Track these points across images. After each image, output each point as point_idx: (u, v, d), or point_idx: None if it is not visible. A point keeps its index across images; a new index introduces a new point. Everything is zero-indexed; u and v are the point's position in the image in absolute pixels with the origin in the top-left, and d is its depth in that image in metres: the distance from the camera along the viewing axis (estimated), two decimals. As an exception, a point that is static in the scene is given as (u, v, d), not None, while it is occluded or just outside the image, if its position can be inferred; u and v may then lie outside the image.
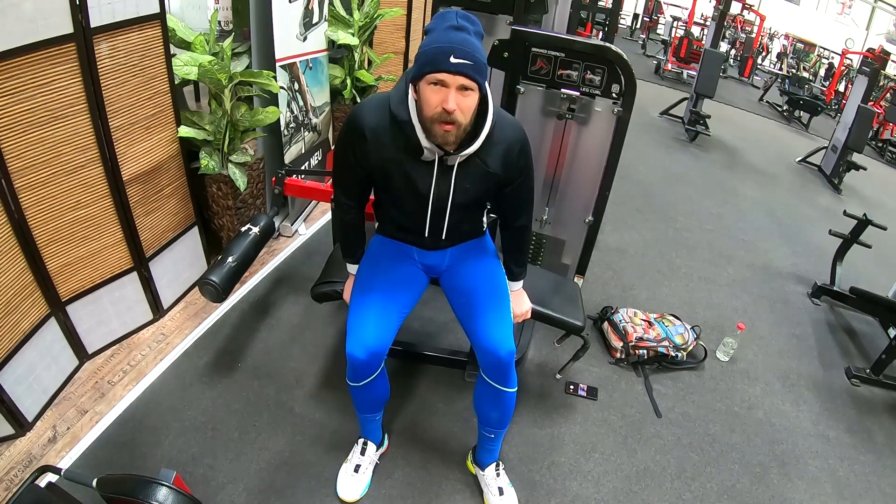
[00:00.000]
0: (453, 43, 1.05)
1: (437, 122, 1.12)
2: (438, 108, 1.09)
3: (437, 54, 1.06)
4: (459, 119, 1.11)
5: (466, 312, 1.47)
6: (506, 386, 1.43)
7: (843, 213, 3.14)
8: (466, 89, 1.09)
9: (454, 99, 1.08)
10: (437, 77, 1.07)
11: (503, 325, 1.41)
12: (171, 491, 1.06)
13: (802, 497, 1.83)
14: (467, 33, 1.08)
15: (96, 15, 1.56)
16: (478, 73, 1.08)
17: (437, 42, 1.07)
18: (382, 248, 1.53)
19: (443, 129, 1.12)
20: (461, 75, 1.06)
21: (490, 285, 1.48)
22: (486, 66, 1.10)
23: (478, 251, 1.54)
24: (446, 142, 1.15)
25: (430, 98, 1.10)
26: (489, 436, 1.56)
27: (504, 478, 1.63)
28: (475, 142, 1.19)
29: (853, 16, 13.99)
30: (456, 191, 1.29)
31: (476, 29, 1.11)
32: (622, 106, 1.91)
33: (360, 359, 1.36)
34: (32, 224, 1.59)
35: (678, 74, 8.45)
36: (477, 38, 1.10)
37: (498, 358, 1.38)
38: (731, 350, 2.39)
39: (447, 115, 1.09)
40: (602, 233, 2.55)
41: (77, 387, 1.84)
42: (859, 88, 5.11)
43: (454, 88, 1.07)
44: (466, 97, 1.09)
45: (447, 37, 1.06)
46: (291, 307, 2.33)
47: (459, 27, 1.07)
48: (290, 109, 2.65)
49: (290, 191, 2.22)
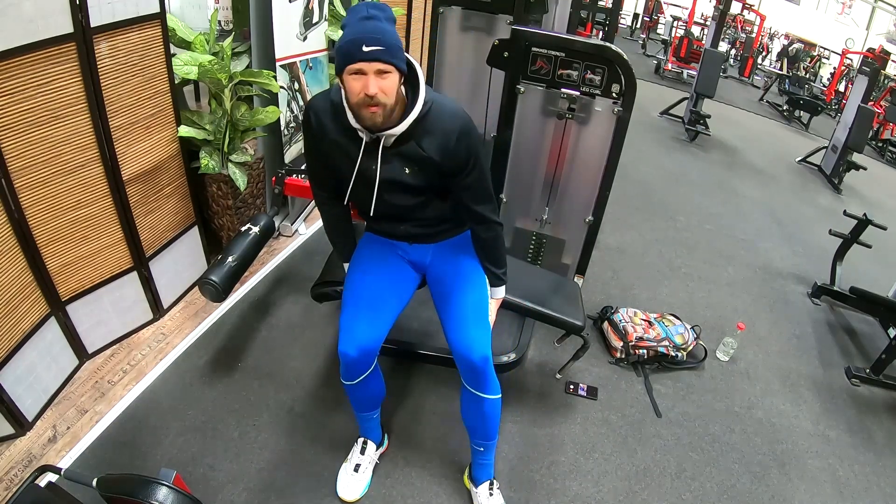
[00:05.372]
0: (364, 33, 1.11)
1: (362, 106, 1.17)
2: (361, 94, 1.15)
3: (351, 46, 1.12)
4: (383, 100, 1.16)
5: (444, 314, 1.46)
6: (485, 392, 1.41)
7: (843, 213, 3.14)
8: (384, 73, 1.14)
9: (374, 83, 1.14)
10: (355, 67, 1.13)
11: (477, 329, 1.39)
12: (171, 491, 1.06)
13: (802, 497, 1.83)
14: (378, 21, 1.13)
15: (96, 14, 1.56)
16: (391, 55, 1.13)
17: (350, 35, 1.13)
18: (372, 246, 1.54)
19: (369, 111, 1.17)
20: (376, 61, 1.12)
21: (466, 285, 1.47)
22: (398, 47, 1.15)
23: (462, 250, 1.53)
24: (375, 122, 1.20)
25: (353, 86, 1.16)
26: (478, 449, 1.54)
27: (498, 498, 1.58)
28: (402, 123, 1.23)
29: (853, 16, 13.99)
30: (390, 170, 1.31)
31: (387, 14, 1.16)
32: (622, 106, 1.91)
33: (352, 356, 1.36)
34: (32, 224, 1.59)
35: (678, 74, 8.46)
36: (388, 22, 1.16)
37: (470, 362, 1.37)
38: (731, 350, 2.39)
39: (370, 99, 1.15)
40: (602, 232, 2.54)
41: (77, 386, 1.84)
42: (859, 88, 5.11)
43: (372, 74, 1.13)
44: (385, 79, 1.15)
45: (358, 28, 1.12)
46: (291, 307, 2.33)
47: (369, 17, 1.13)
48: (290, 109, 2.64)
49: (290, 190, 2.22)
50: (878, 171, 6.25)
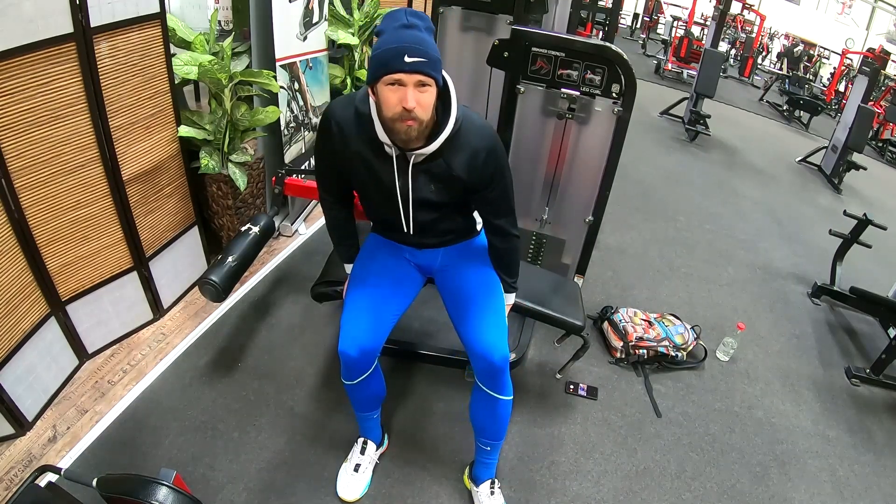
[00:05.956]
0: (406, 42, 1.06)
1: (398, 120, 1.13)
2: (398, 107, 1.10)
3: (391, 55, 1.06)
4: (420, 115, 1.11)
5: (460, 315, 1.46)
6: (500, 393, 1.41)
7: (843, 213, 3.14)
8: (424, 85, 1.09)
9: (413, 96, 1.08)
10: (394, 77, 1.07)
11: (496, 330, 1.40)
12: (171, 491, 1.06)
13: (802, 497, 1.83)
14: (418, 30, 1.08)
15: (96, 14, 1.56)
16: (433, 68, 1.08)
17: (390, 43, 1.07)
18: (377, 247, 1.53)
19: (405, 125, 1.13)
20: (417, 73, 1.07)
21: (484, 288, 1.47)
22: (439, 60, 1.10)
23: (473, 253, 1.53)
24: (410, 137, 1.16)
25: (389, 98, 1.10)
26: (485, 448, 1.54)
27: (499, 498, 1.58)
28: (434, 142, 1.19)
29: (853, 16, 13.99)
30: (418, 189, 1.29)
31: (426, 24, 1.11)
32: (622, 106, 1.91)
33: (352, 357, 1.36)
34: (32, 224, 1.59)
35: (678, 74, 8.45)
36: (428, 33, 1.10)
37: (491, 363, 1.37)
38: (731, 350, 2.39)
39: (407, 113, 1.10)
40: (602, 233, 2.55)
41: (77, 386, 1.84)
42: (859, 88, 5.11)
43: (411, 86, 1.08)
44: (424, 93, 1.10)
45: (399, 36, 1.07)
46: (291, 307, 2.33)
47: (409, 25, 1.07)
48: (290, 109, 2.65)
49: (290, 190, 2.22)
50: (878, 171, 6.25)
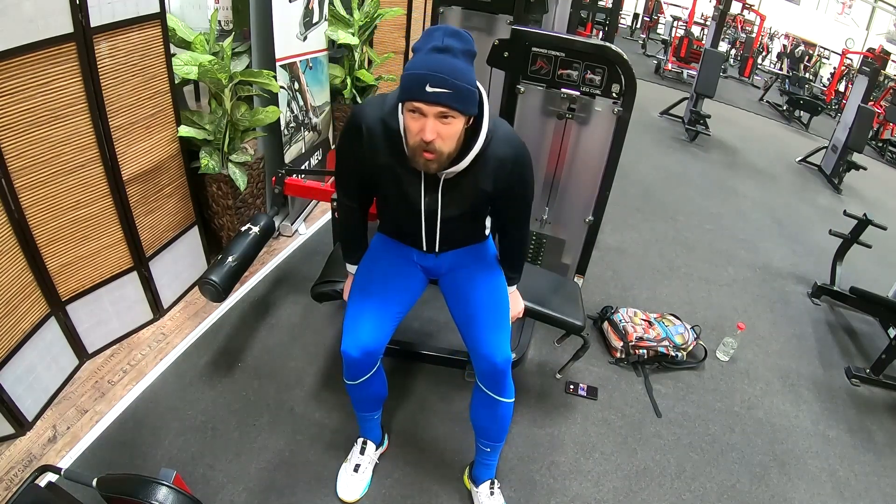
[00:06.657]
0: (430, 70, 0.99)
1: (417, 150, 1.08)
2: (417, 137, 1.05)
3: (413, 82, 1.00)
4: (440, 147, 1.06)
5: (464, 317, 1.46)
6: (501, 395, 1.42)
7: (843, 213, 3.14)
8: (446, 117, 1.03)
9: (432, 127, 1.03)
10: (415, 105, 1.03)
11: (500, 332, 1.40)
12: (171, 491, 1.06)
13: (802, 497, 1.83)
14: (452, 55, 1.00)
15: (96, 14, 1.56)
16: (457, 100, 1.01)
17: (416, 67, 1.01)
18: (383, 247, 1.53)
19: (424, 157, 1.08)
20: (438, 105, 1.01)
21: (489, 291, 1.47)
22: (469, 90, 1.03)
23: (479, 256, 1.53)
24: (428, 170, 1.12)
25: (411, 126, 1.06)
26: (485, 449, 1.54)
27: (499, 498, 1.58)
28: (463, 161, 1.15)
29: (853, 16, 13.99)
30: (445, 206, 1.28)
31: (465, 47, 1.02)
32: (622, 106, 1.91)
33: (355, 357, 1.36)
34: (32, 224, 1.59)
35: (678, 74, 8.45)
36: (464, 58, 1.02)
37: (493, 364, 1.37)
38: (731, 350, 2.39)
39: (426, 144, 1.05)
40: (602, 233, 2.55)
41: (77, 386, 1.84)
42: (859, 88, 5.11)
43: (432, 116, 1.02)
44: (447, 125, 1.04)
45: (426, 62, 1.00)
46: (291, 307, 2.33)
47: (444, 48, 1.00)
48: (290, 109, 2.65)
49: (290, 190, 2.22)
50: (878, 171, 6.25)
